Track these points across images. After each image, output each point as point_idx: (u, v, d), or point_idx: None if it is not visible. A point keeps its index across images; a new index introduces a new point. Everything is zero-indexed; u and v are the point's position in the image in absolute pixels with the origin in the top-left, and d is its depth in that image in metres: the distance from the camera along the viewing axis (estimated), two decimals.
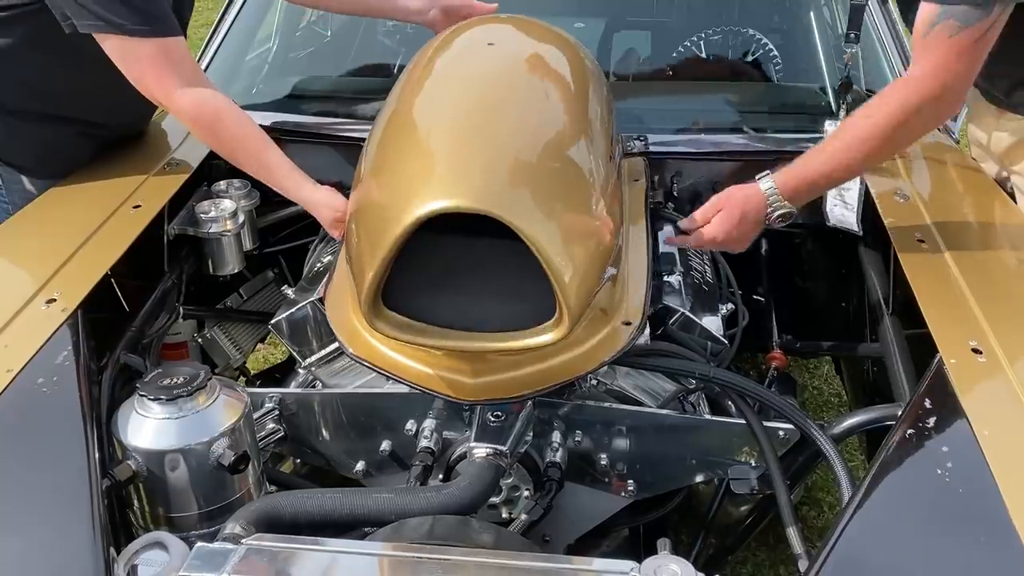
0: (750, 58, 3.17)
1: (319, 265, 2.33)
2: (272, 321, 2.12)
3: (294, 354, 2.14)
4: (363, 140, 2.74)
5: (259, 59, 3.26)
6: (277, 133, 2.78)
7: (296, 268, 2.64)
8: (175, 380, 1.78)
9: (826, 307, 2.91)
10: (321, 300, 2.09)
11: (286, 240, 2.82)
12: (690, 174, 2.74)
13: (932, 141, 2.70)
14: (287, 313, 2.10)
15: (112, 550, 1.52)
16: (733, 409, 2.14)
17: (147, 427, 1.75)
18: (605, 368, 2.03)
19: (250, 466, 1.80)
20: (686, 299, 2.09)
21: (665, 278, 2.17)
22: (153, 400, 1.75)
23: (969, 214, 2.46)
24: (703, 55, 3.15)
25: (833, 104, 2.91)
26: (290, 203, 2.78)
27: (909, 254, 2.14)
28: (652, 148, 2.70)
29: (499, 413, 1.87)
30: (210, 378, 1.80)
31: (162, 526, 1.76)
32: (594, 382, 2.05)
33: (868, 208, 2.49)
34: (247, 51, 3.21)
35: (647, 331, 1.89)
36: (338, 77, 3.29)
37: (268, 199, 2.79)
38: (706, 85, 3.04)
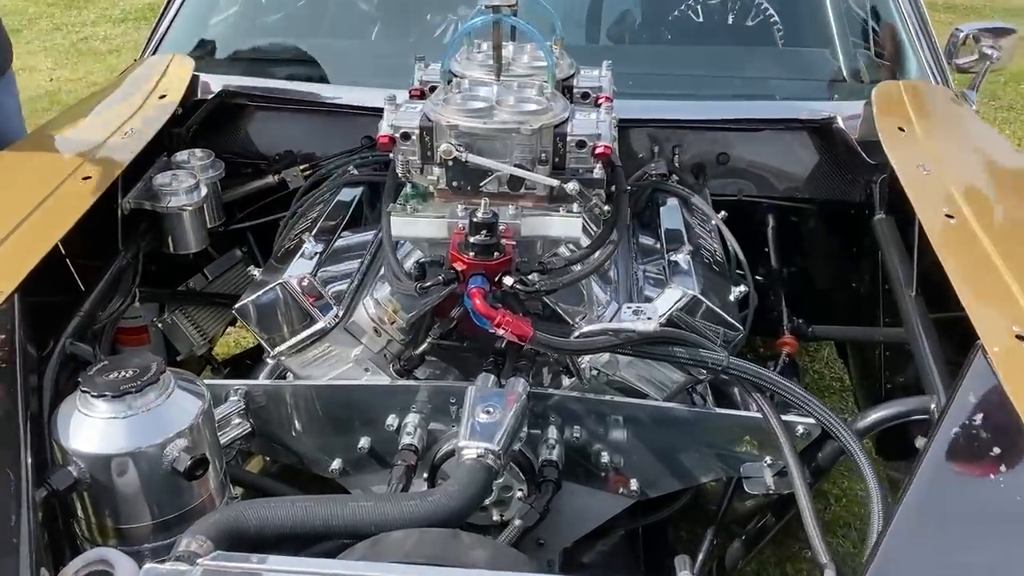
0: (751, 21, 2.97)
1: (290, 243, 2.12)
2: (236, 305, 1.90)
3: (262, 342, 1.93)
4: (341, 107, 2.60)
5: (225, 21, 3.01)
6: (245, 98, 2.56)
7: (267, 246, 2.42)
8: (123, 373, 1.57)
9: (833, 287, 2.73)
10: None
11: (255, 215, 2.61)
12: (693, 144, 2.55)
13: (955, 110, 2.51)
14: (253, 296, 1.89)
15: (45, 572, 1.32)
16: (742, 400, 1.96)
17: (91, 428, 1.54)
18: (606, 357, 1.84)
19: (211, 469, 1.60)
20: (696, 280, 1.90)
21: (671, 257, 1.97)
22: (97, 397, 1.54)
23: (1000, 188, 2.28)
24: (700, 18, 2.94)
25: (844, 69, 2.72)
26: (259, 175, 2.57)
27: (937, 230, 1.96)
28: (651, 116, 2.50)
29: (491, 407, 1.67)
30: (163, 371, 1.59)
31: (110, 539, 1.56)
32: (594, 372, 1.86)
33: (888, 182, 2.30)
34: (212, 12, 2.96)
35: (657, 316, 1.69)
36: (312, 40, 3.05)
37: (235, 170, 2.58)
38: (707, 49, 2.83)
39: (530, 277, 1.73)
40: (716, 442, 1.85)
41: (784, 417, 1.77)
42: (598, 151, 1.77)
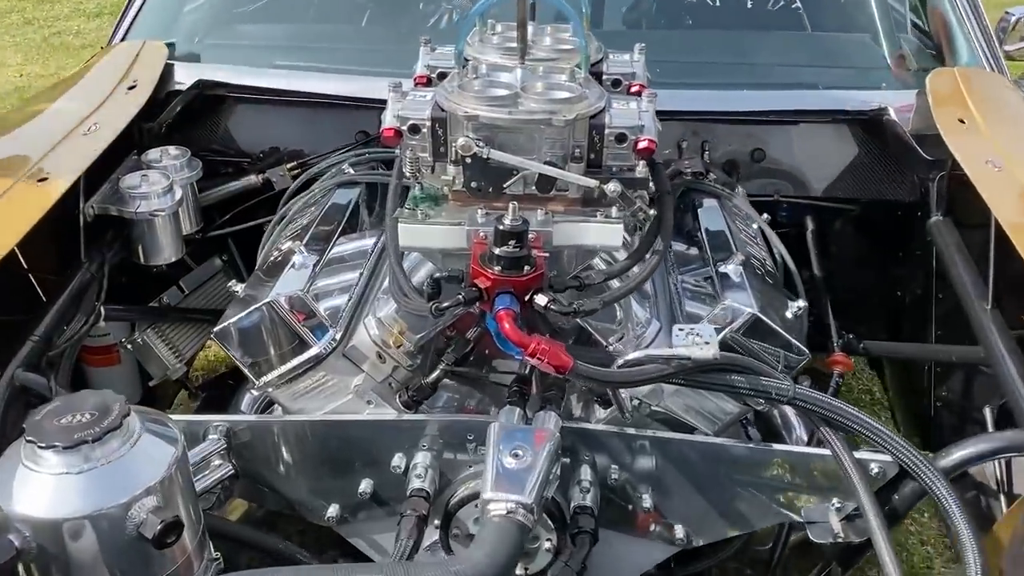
0: (773, 6, 2.72)
1: (277, 253, 1.84)
2: (216, 329, 1.63)
3: (246, 371, 1.66)
4: (332, 98, 2.32)
5: (202, 4, 2.73)
6: (225, 89, 2.28)
7: (250, 255, 2.15)
8: (78, 417, 1.29)
9: (874, 297, 2.49)
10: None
11: (236, 220, 2.34)
12: (724, 139, 2.30)
13: (1017, 99, 2.27)
14: (235, 317, 1.62)
15: None
16: (784, 426, 1.71)
17: (38, 486, 1.25)
18: (650, 386, 1.58)
19: (186, 531, 1.32)
20: (752, 295, 1.64)
21: (721, 267, 1.72)
22: (46, 448, 1.26)
23: None
24: (717, 2, 2.69)
25: (888, 57, 2.47)
26: (241, 175, 2.30)
27: (1020, 233, 1.71)
28: (677, 107, 2.24)
29: (519, 448, 1.41)
30: (127, 413, 1.31)
31: None
32: (635, 402, 1.60)
33: (946, 180, 2.06)
34: None
35: (715, 341, 1.43)
36: (299, 25, 2.77)
37: (214, 170, 2.30)
38: (735, 34, 2.58)
39: (564, 295, 1.47)
40: (775, 483, 1.61)
41: (856, 454, 1.52)
42: (641, 146, 1.51)
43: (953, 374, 2.18)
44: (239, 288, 1.75)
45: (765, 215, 2.05)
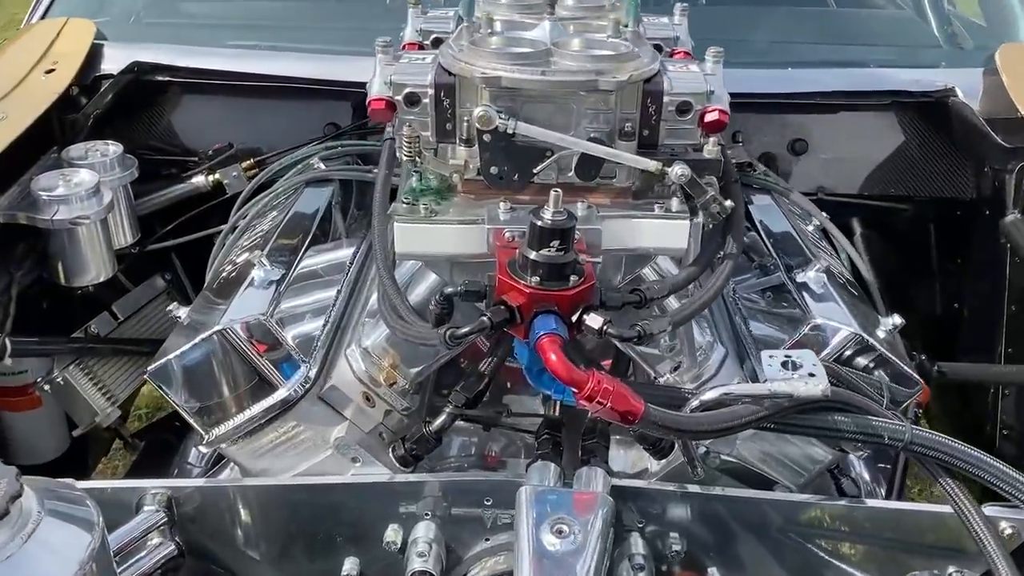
0: None
1: (230, 267, 1.45)
2: (151, 368, 1.23)
3: (192, 422, 1.26)
4: (296, 82, 1.95)
5: None
6: (167, 74, 1.89)
7: (199, 272, 1.75)
8: None
9: (925, 309, 2.16)
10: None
11: (182, 231, 1.96)
12: (759, 128, 1.97)
13: None
14: (176, 352, 1.22)
15: None
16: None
17: None
18: None
19: None
20: (845, 310, 1.29)
21: (799, 276, 1.36)
22: None
23: None
24: None
25: (938, 33, 2.16)
26: (186, 176, 1.91)
27: None
28: None
29: (563, 522, 1.04)
30: (17, 494, 0.93)
31: None
32: (701, 450, 1.24)
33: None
34: None
35: (824, 373, 1.07)
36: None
37: (154, 170, 1.91)
38: (767, 9, 2.25)
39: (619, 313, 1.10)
40: (879, 547, 1.25)
41: (985, 509, 1.18)
42: (710, 118, 1.17)
43: None
44: (182, 313, 1.36)
45: (824, 215, 1.72)
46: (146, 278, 2.05)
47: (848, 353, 1.24)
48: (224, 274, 1.45)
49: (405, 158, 1.17)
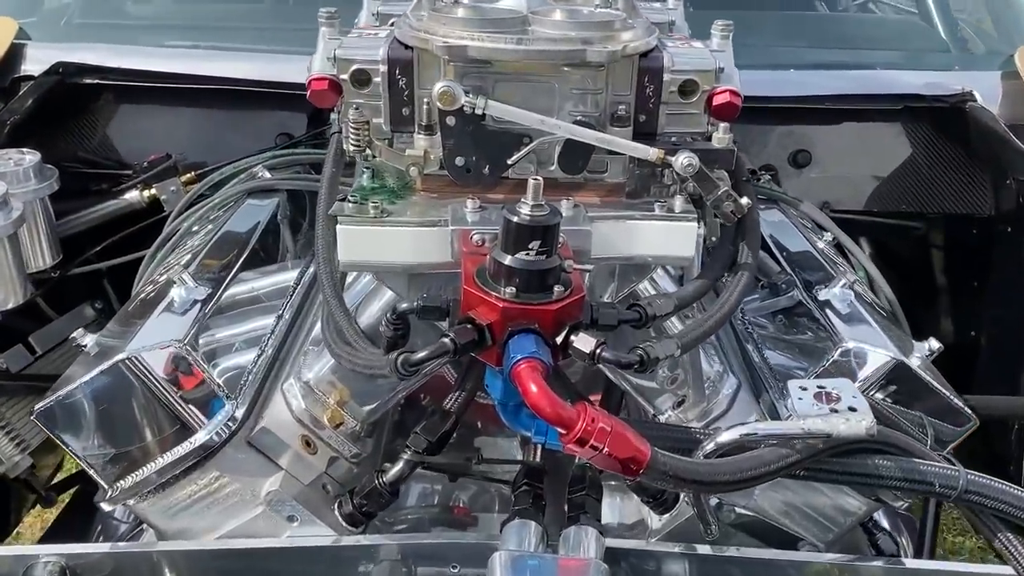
0: None
1: (150, 288, 1.23)
2: (38, 406, 1.00)
3: (92, 473, 1.03)
4: (243, 85, 1.74)
5: None
6: (96, 75, 1.68)
7: None
8: None
9: (937, 335, 1.97)
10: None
11: (113, 252, 1.73)
12: (759, 137, 1.79)
13: None
14: (69, 388, 0.99)
15: None
16: None
17: None
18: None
19: None
20: (880, 331, 1.09)
21: (821, 294, 1.16)
22: None
23: None
24: None
25: (946, 37, 1.99)
26: (118, 191, 1.69)
27: None
28: None
29: None
30: None
31: None
32: (713, 501, 1.02)
33: None
34: None
35: (866, 408, 0.87)
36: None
37: (81, 184, 1.69)
38: (772, 13, 2.08)
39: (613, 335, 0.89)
40: None
41: None
42: (719, 100, 0.97)
43: None
44: (88, 340, 1.13)
45: (827, 233, 1.52)
46: (74, 305, 1.81)
47: (887, 383, 1.03)
48: (142, 295, 1.22)
49: (352, 148, 0.97)
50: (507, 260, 0.82)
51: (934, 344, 1.16)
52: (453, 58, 0.92)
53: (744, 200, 0.95)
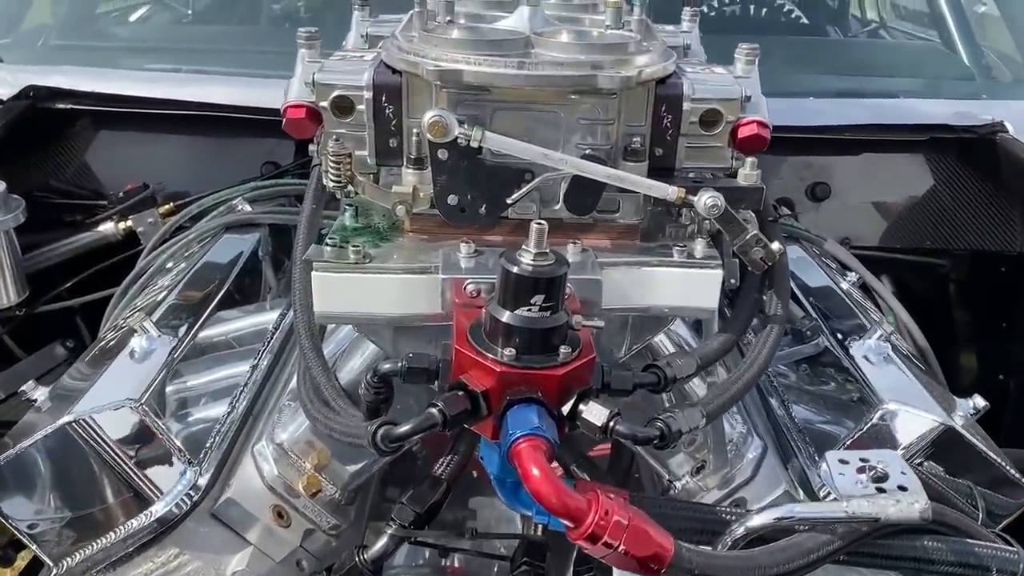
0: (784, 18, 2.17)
1: (112, 334, 1.11)
2: None
3: (35, 549, 0.91)
4: (226, 111, 1.64)
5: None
6: (69, 100, 1.58)
7: None
8: None
9: (962, 379, 1.86)
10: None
11: (86, 288, 1.62)
12: (775, 168, 1.69)
13: None
14: (8, 454, 0.87)
15: None
16: None
17: None
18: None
19: None
20: (922, 390, 0.98)
21: (854, 347, 1.05)
22: None
23: None
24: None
25: (970, 64, 1.90)
26: (91, 223, 1.59)
27: None
28: None
29: None
30: None
31: None
32: None
33: None
34: None
35: (918, 487, 0.75)
36: (182, 24, 2.09)
37: (53, 216, 1.60)
38: (788, 38, 2.00)
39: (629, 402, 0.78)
40: None
41: None
42: (746, 132, 0.87)
43: None
44: (39, 394, 1.01)
45: (852, 273, 1.41)
46: (44, 344, 1.70)
47: (934, 450, 0.92)
48: (103, 343, 1.11)
49: (332, 184, 0.86)
50: (505, 317, 0.71)
51: (979, 402, 1.04)
52: (446, 84, 0.82)
53: (775, 246, 0.84)
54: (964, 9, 1.98)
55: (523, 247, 0.72)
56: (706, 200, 0.81)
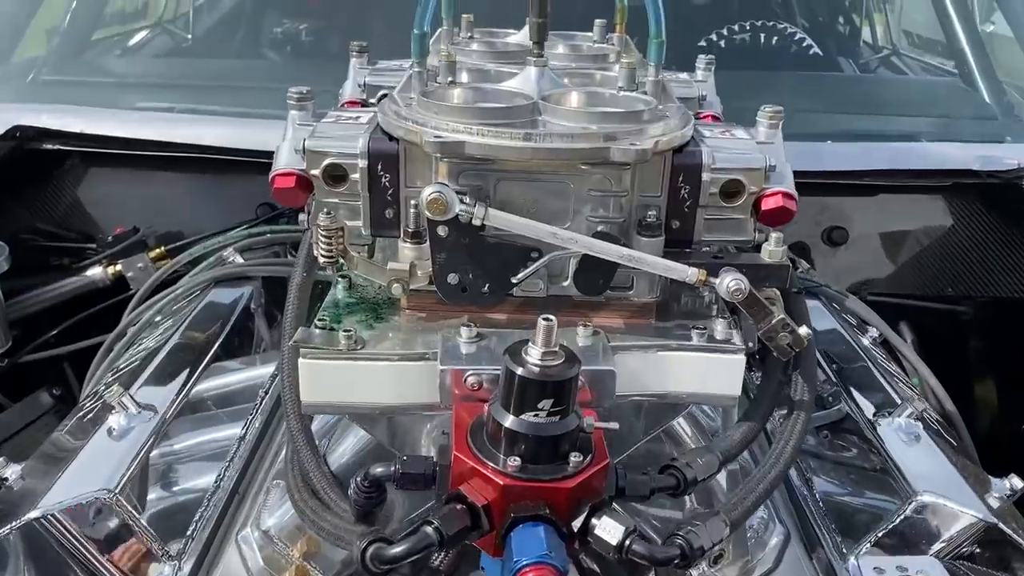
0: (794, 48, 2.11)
1: (91, 402, 1.05)
2: None
3: None
4: (220, 153, 1.58)
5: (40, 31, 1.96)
6: (56, 141, 1.53)
7: None
8: None
9: (983, 430, 1.79)
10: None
11: (73, 335, 1.55)
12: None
13: None
14: None
15: None
16: None
17: None
18: None
19: None
20: (957, 475, 0.91)
21: (882, 425, 0.98)
22: None
23: None
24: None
25: (991, 102, 1.83)
26: (80, 265, 1.53)
27: None
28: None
29: None
30: None
31: None
32: None
33: None
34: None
35: None
36: (179, 58, 2.03)
37: (38, 259, 1.54)
38: (803, 75, 1.94)
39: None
40: None
41: None
42: (771, 204, 0.80)
43: None
44: (11, 472, 0.94)
45: (872, 329, 1.34)
46: (30, 392, 1.64)
47: (972, 546, 0.85)
48: (83, 412, 1.04)
49: (323, 260, 0.79)
50: (509, 421, 0.64)
51: (1017, 483, 0.97)
52: (447, 155, 0.75)
53: (803, 331, 0.77)
54: (984, 44, 1.91)
55: (530, 343, 0.65)
56: (729, 284, 0.74)
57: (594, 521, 0.64)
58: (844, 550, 0.88)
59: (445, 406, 0.73)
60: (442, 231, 0.75)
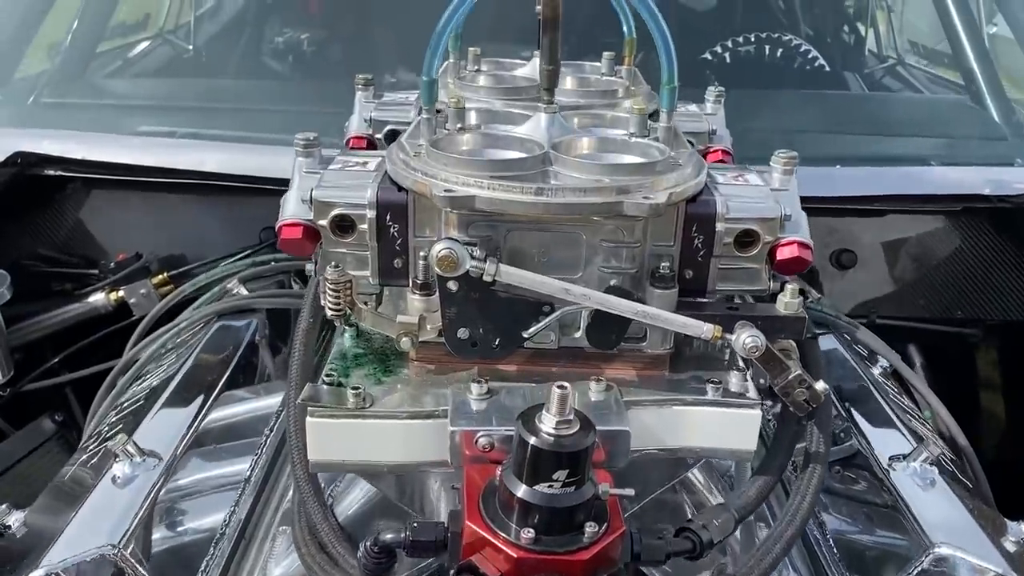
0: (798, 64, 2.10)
1: (95, 442, 1.04)
2: None
3: None
4: (225, 180, 1.57)
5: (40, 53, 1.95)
6: (58, 167, 1.52)
7: None
8: None
9: (995, 457, 1.77)
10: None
11: (76, 362, 1.54)
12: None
13: None
14: None
15: None
16: None
17: None
18: None
19: None
20: (974, 524, 0.90)
21: (896, 471, 0.97)
22: None
23: None
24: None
25: (1000, 122, 1.82)
26: (83, 292, 1.52)
27: None
28: None
29: None
30: None
31: None
32: None
33: None
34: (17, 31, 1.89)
35: None
36: (180, 79, 2.02)
37: (41, 285, 1.53)
38: (808, 95, 1.92)
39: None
40: None
41: None
42: (786, 254, 0.79)
43: None
44: (14, 519, 0.93)
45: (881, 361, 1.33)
46: (32, 419, 1.63)
47: None
48: (86, 456, 1.03)
49: (330, 313, 0.78)
50: (522, 492, 0.63)
51: None
52: (457, 208, 0.74)
53: (820, 386, 0.76)
54: (992, 60, 1.90)
55: (544, 410, 0.64)
56: (745, 340, 0.73)
57: None
58: None
59: (456, 466, 0.72)
60: (452, 286, 0.74)
